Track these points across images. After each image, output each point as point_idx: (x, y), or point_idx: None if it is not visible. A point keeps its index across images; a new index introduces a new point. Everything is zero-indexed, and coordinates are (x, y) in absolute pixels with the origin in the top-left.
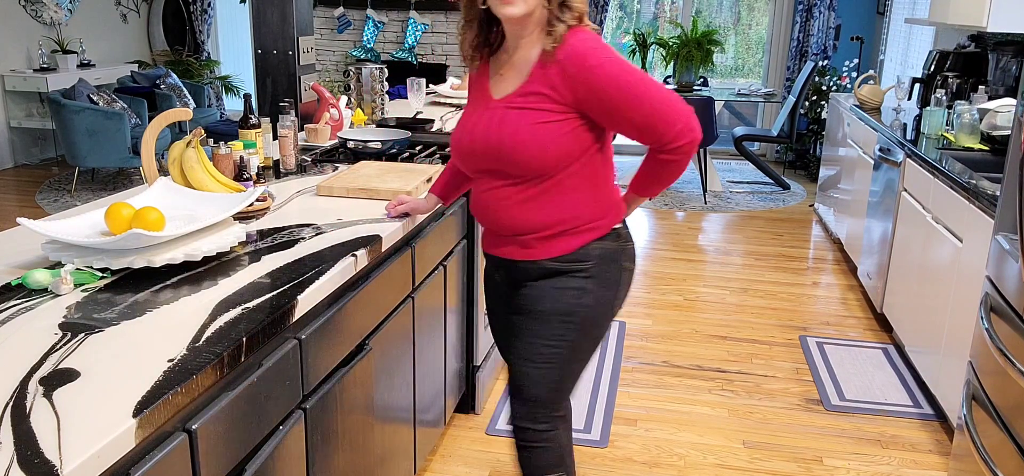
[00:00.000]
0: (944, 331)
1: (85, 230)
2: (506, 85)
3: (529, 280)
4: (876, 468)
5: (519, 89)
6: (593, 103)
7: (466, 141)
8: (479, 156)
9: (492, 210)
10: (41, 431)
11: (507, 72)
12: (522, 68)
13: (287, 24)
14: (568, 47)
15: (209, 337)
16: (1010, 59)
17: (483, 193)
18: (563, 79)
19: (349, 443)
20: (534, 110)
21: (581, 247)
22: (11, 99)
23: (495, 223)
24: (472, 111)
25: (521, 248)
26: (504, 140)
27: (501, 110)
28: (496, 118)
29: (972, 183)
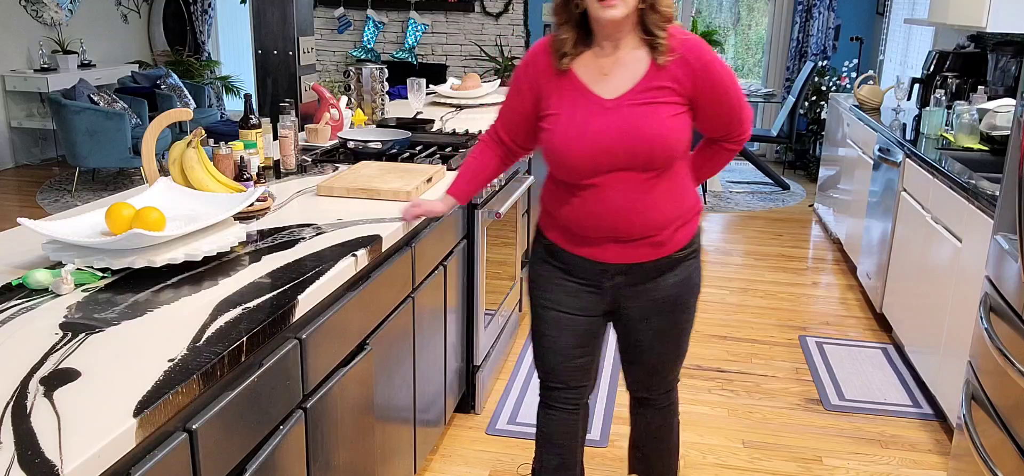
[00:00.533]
0: (943, 331)
1: (86, 230)
2: (617, 84)
3: (657, 276)
4: (876, 468)
5: (640, 86)
6: (707, 94)
7: (592, 141)
8: (618, 154)
9: (626, 211)
10: (42, 431)
11: (613, 71)
12: (633, 66)
13: (287, 24)
14: (685, 42)
15: (209, 337)
16: (1009, 59)
17: (613, 195)
18: (685, 72)
19: (349, 443)
20: (665, 104)
21: (696, 231)
22: (12, 99)
23: (628, 224)
24: (580, 112)
25: (653, 247)
26: (652, 135)
27: (630, 107)
28: (631, 115)
29: (971, 183)
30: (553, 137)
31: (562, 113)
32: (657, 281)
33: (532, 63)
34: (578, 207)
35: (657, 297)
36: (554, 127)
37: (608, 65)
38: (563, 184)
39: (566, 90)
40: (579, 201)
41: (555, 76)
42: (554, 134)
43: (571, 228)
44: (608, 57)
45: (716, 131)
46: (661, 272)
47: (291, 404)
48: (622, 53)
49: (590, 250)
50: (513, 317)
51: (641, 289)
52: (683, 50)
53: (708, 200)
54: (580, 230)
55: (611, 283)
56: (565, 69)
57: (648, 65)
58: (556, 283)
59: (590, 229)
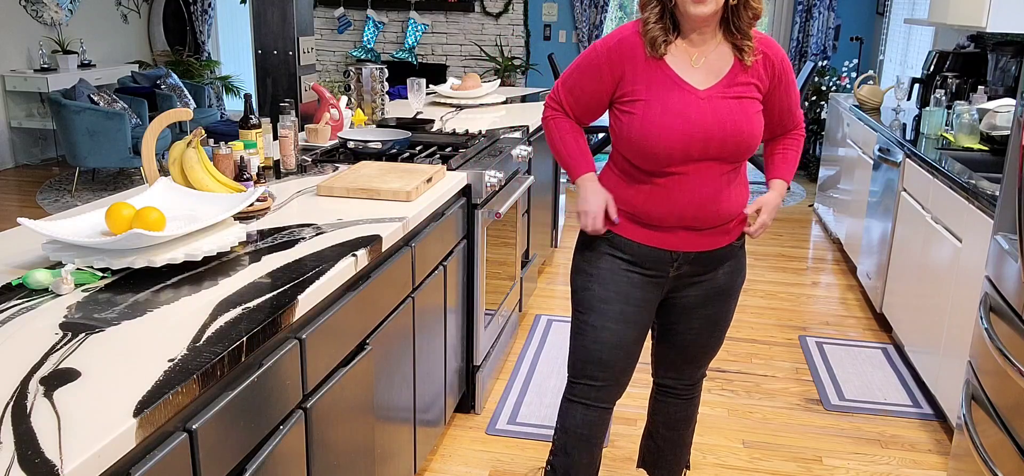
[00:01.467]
0: (943, 331)
1: (86, 230)
2: (706, 76)
3: (720, 264)
4: (875, 468)
5: (727, 80)
6: (777, 92)
7: (688, 129)
8: (710, 144)
9: (712, 199)
10: (42, 431)
11: (702, 64)
12: (721, 61)
13: (287, 24)
14: (765, 40)
15: (209, 337)
16: (1009, 59)
17: (697, 184)
18: (766, 70)
19: (349, 443)
20: (750, 100)
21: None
22: (12, 99)
23: (707, 212)
24: (674, 100)
25: (723, 234)
26: (743, 129)
27: (724, 100)
28: (724, 108)
29: (971, 183)
30: (645, 123)
31: (653, 100)
32: (717, 270)
33: (619, 46)
34: (655, 195)
35: (715, 285)
36: (645, 113)
37: (697, 57)
38: (638, 172)
39: (657, 77)
40: (658, 189)
41: (644, 62)
42: (646, 120)
43: (641, 216)
44: (696, 49)
45: (775, 126)
46: (723, 261)
47: (291, 404)
48: (709, 46)
49: (661, 237)
50: (513, 317)
51: (701, 277)
52: (763, 47)
53: None
54: (654, 218)
55: (676, 271)
56: (659, 56)
57: (733, 61)
58: (620, 275)
59: (666, 217)
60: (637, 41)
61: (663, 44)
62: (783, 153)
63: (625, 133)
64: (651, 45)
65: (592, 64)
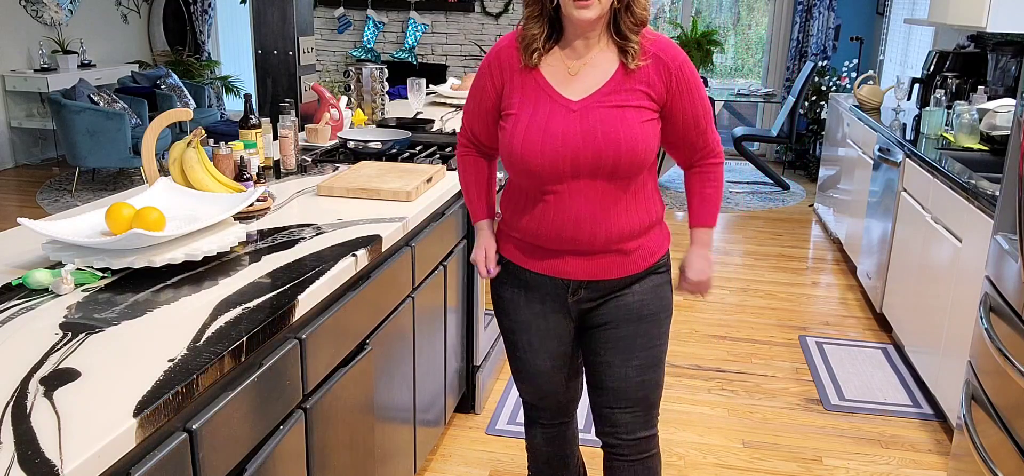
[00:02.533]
0: (943, 331)
1: (86, 230)
2: (585, 85)
3: (625, 288)
4: (876, 468)
5: (608, 87)
6: (678, 100)
7: (555, 145)
8: (582, 159)
9: (589, 220)
10: (42, 431)
11: (582, 72)
12: (602, 66)
13: (287, 24)
14: (659, 41)
15: (209, 337)
16: (1009, 59)
17: (576, 203)
18: (659, 73)
19: (349, 443)
20: (634, 108)
21: (666, 249)
22: (12, 99)
23: (591, 234)
24: (542, 113)
25: (622, 259)
26: (619, 140)
27: (598, 110)
28: (598, 118)
29: (971, 183)
30: (512, 138)
31: (523, 113)
32: (623, 292)
33: (497, 57)
34: (538, 216)
35: (623, 305)
36: (514, 128)
37: (577, 66)
38: (523, 191)
39: (529, 89)
40: (540, 210)
41: (520, 72)
42: (514, 135)
43: (529, 240)
44: (578, 58)
45: (683, 148)
46: (627, 285)
47: (291, 404)
48: (592, 53)
49: (551, 264)
50: None
51: (605, 303)
52: (656, 50)
53: None
54: (540, 241)
55: (574, 298)
56: (532, 66)
57: (618, 67)
58: (521, 305)
59: (552, 240)
60: (515, 50)
61: (536, 53)
62: (700, 192)
63: (504, 150)
64: (525, 53)
65: (478, 81)
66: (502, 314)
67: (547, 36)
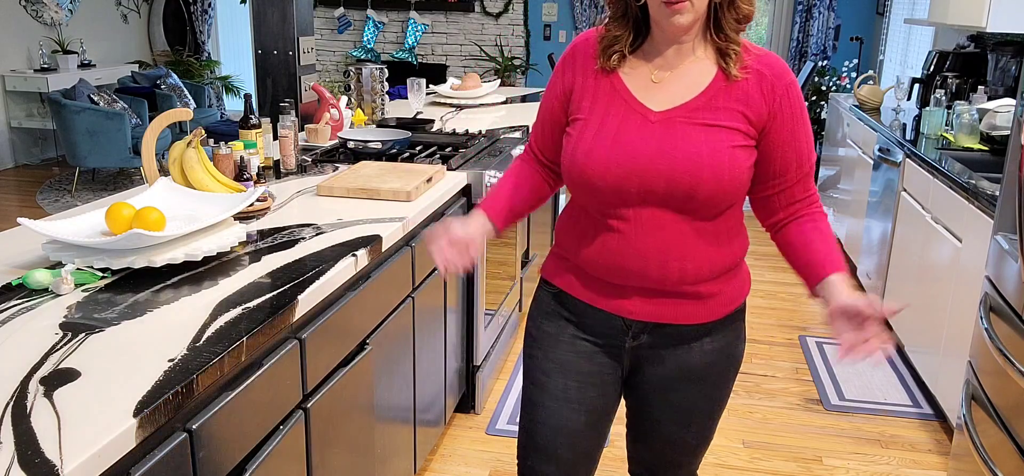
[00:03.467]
0: (943, 331)
1: (85, 230)
2: (670, 93)
3: (695, 339)
4: (876, 468)
5: (701, 99)
6: (781, 129)
7: (621, 157)
8: (656, 179)
9: (659, 255)
10: (41, 431)
11: (668, 80)
12: (696, 77)
13: (287, 24)
14: (765, 57)
15: (209, 337)
16: (1009, 59)
17: (646, 235)
18: (763, 94)
19: (349, 443)
20: (729, 129)
21: (748, 290)
22: (12, 99)
23: (662, 272)
24: (614, 119)
25: (696, 304)
26: (705, 163)
27: (684, 125)
28: (680, 133)
29: (971, 183)
30: (577, 146)
31: (592, 119)
32: (692, 346)
33: (572, 56)
34: (601, 244)
35: (688, 364)
36: (580, 135)
37: (664, 75)
38: (586, 215)
39: (603, 92)
40: (604, 236)
41: (595, 74)
42: (579, 143)
43: (589, 271)
44: (668, 68)
45: (777, 195)
46: (698, 337)
47: (291, 404)
48: (686, 63)
49: (610, 299)
50: (513, 317)
51: (669, 353)
52: (761, 64)
53: None
54: (601, 274)
55: (634, 343)
56: (611, 69)
57: (714, 76)
58: (565, 341)
59: (613, 272)
60: (592, 48)
61: (616, 55)
62: (819, 236)
63: (564, 161)
64: (605, 53)
65: (550, 83)
66: (537, 350)
67: (632, 39)
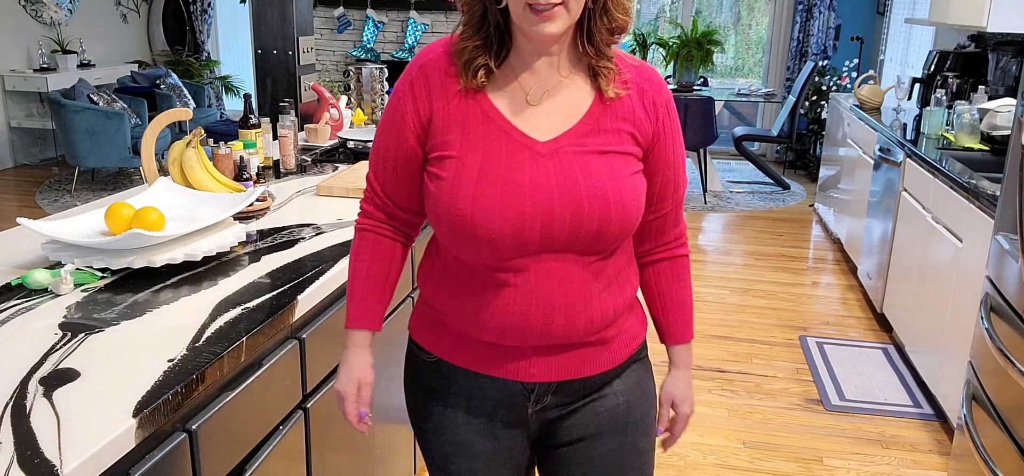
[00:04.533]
0: (944, 331)
1: (85, 230)
2: (551, 118)
3: (603, 387)
4: (876, 468)
5: (584, 125)
6: (665, 148)
7: (520, 204)
8: (557, 225)
9: (565, 307)
10: (41, 431)
11: (544, 101)
12: (571, 96)
13: (287, 24)
14: (641, 69)
15: (209, 337)
16: (1010, 59)
17: (548, 286)
18: (646, 111)
19: (349, 443)
20: (622, 154)
21: (646, 323)
22: (11, 99)
23: (568, 325)
24: (497, 156)
25: (600, 349)
26: (610, 198)
27: (577, 155)
28: (578, 168)
29: (972, 183)
30: (456, 193)
31: (469, 155)
32: (602, 393)
33: (423, 76)
34: (491, 305)
35: (603, 415)
36: (457, 178)
37: (538, 93)
38: (463, 268)
39: (474, 120)
40: (492, 296)
41: (458, 97)
42: (457, 188)
43: (475, 335)
44: (539, 82)
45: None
46: (607, 382)
47: (291, 404)
48: (556, 76)
49: (507, 366)
50: None
51: (580, 409)
52: (639, 78)
53: (708, 200)
54: (492, 337)
55: (537, 407)
56: (477, 88)
57: (593, 97)
58: (458, 422)
59: (509, 335)
60: (448, 65)
61: (482, 70)
62: (675, 297)
63: (432, 207)
64: (464, 70)
65: (391, 112)
66: (431, 435)
67: (496, 50)
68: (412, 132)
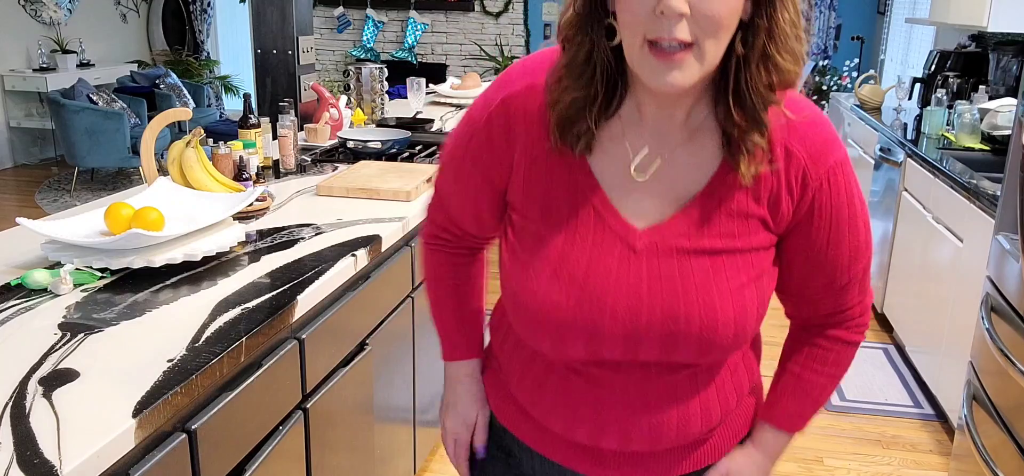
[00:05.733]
0: (944, 331)
1: (84, 230)
2: (657, 198)
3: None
4: (876, 468)
5: (701, 206)
6: (816, 233)
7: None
8: (646, 338)
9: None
10: (41, 431)
11: (654, 170)
12: (689, 163)
13: (287, 24)
14: (801, 127)
15: (209, 337)
16: (1011, 59)
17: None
18: (789, 188)
19: (349, 443)
20: (744, 253)
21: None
22: (11, 99)
23: (655, 432)
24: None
25: (701, 449)
26: (718, 319)
27: (681, 256)
28: (681, 272)
29: (973, 183)
30: (523, 279)
31: (548, 233)
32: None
33: (505, 119)
34: (562, 397)
35: None
36: (529, 259)
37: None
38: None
39: (561, 186)
40: (565, 389)
41: (547, 152)
42: (527, 275)
43: (543, 422)
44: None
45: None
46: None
47: (291, 404)
48: (678, 134)
49: (578, 460)
50: None
51: None
52: (792, 139)
53: None
54: (562, 431)
55: None
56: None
57: (718, 163)
58: None
59: (581, 433)
60: (539, 111)
61: (584, 138)
62: (803, 375)
63: (502, 267)
64: (560, 132)
65: (467, 143)
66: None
67: (604, 104)
68: (498, 173)
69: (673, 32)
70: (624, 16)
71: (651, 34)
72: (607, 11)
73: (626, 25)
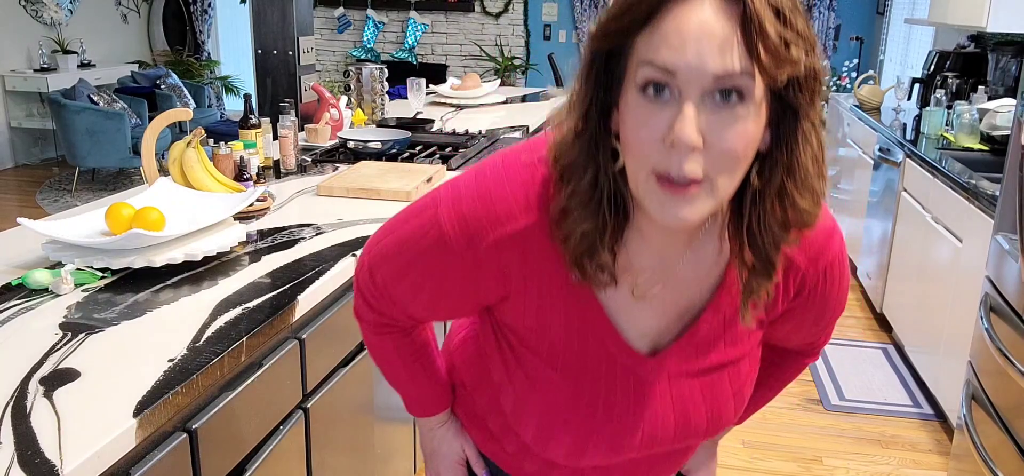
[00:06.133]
0: (944, 331)
1: (85, 230)
2: (660, 319)
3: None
4: (876, 468)
5: (710, 323)
6: (804, 311)
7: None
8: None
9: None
10: (41, 431)
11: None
12: (691, 274)
13: (287, 24)
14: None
15: (209, 337)
16: (1010, 59)
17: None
18: (785, 289)
19: (349, 443)
20: (745, 359)
21: None
22: (11, 99)
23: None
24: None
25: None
26: (720, 422)
27: (688, 379)
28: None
29: (972, 183)
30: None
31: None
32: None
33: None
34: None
35: None
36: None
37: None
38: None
39: (564, 310)
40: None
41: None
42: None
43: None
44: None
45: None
46: None
47: (291, 404)
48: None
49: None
50: None
51: None
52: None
53: None
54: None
55: None
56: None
57: (720, 274)
58: None
59: None
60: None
61: (607, 270)
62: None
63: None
64: (578, 266)
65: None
66: None
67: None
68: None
69: (683, 168)
70: (630, 143)
71: (659, 167)
72: (609, 130)
73: (631, 152)
